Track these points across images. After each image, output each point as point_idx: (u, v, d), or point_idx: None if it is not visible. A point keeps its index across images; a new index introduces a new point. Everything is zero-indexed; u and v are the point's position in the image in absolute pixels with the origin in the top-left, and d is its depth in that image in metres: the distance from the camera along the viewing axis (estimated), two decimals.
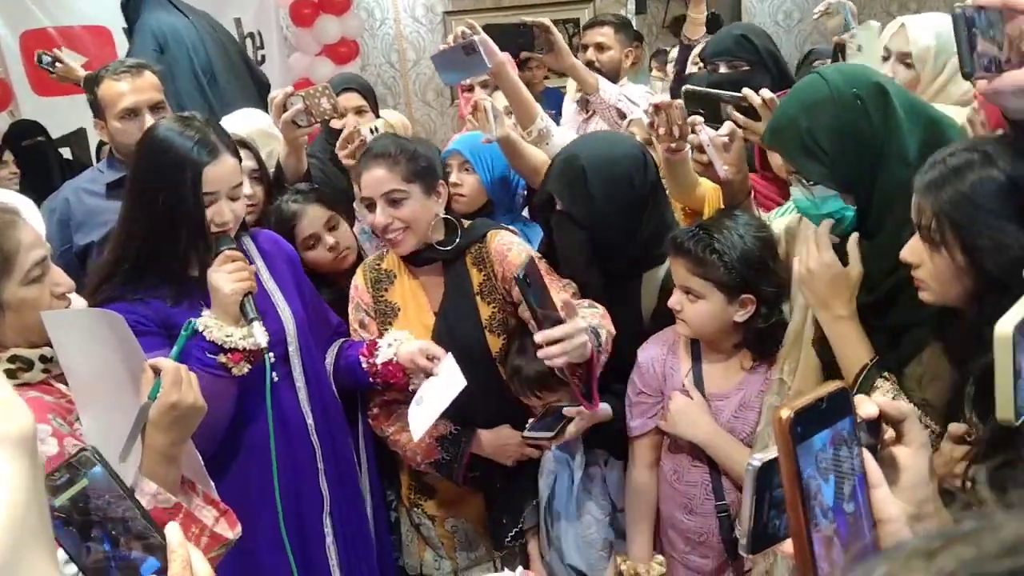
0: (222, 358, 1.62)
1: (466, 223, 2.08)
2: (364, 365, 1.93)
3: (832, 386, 0.65)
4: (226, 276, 1.62)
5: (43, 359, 1.45)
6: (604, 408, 1.90)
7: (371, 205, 1.94)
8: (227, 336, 1.61)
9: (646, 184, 1.93)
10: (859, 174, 1.43)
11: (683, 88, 2.01)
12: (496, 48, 2.18)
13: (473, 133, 2.46)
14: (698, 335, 1.81)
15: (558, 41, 2.47)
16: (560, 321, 1.58)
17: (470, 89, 3.12)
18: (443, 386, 1.83)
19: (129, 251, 1.69)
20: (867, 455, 0.66)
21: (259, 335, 1.61)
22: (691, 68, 3.39)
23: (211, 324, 1.61)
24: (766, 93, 1.84)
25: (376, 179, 1.90)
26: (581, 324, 1.62)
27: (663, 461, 1.92)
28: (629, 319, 1.97)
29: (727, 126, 1.84)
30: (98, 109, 2.37)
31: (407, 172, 1.90)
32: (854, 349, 1.46)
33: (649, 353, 1.91)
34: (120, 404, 1.34)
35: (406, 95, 6.82)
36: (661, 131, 1.91)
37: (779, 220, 1.83)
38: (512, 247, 1.98)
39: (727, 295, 1.71)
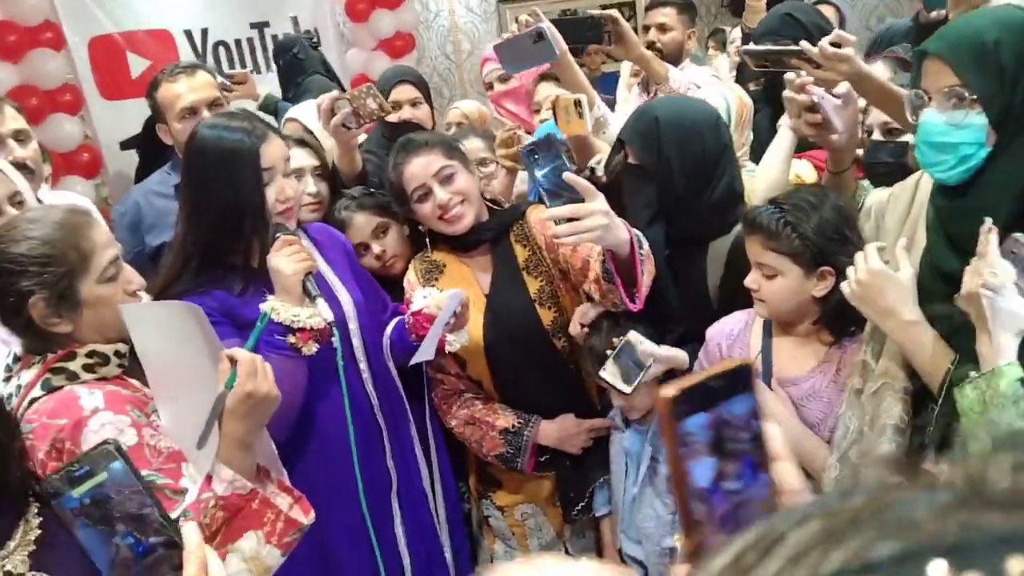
0: (291, 338, 1.66)
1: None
2: (405, 319, 1.95)
3: (731, 364, 0.62)
4: (286, 259, 1.67)
5: (118, 354, 1.49)
6: (679, 354, 1.85)
7: (424, 195, 1.95)
8: (294, 316, 1.65)
9: (718, 144, 1.90)
10: (1020, 111, 1.30)
11: (742, 50, 1.98)
12: (560, 36, 2.16)
13: (547, 125, 2.44)
14: (777, 315, 1.74)
15: (627, 32, 2.44)
16: (577, 201, 1.53)
17: (489, 87, 3.12)
18: (446, 310, 1.82)
19: (194, 249, 1.74)
20: (771, 428, 0.63)
21: (325, 310, 1.65)
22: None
23: (277, 306, 1.65)
24: (825, 46, 1.76)
25: (422, 165, 1.95)
26: (600, 205, 1.55)
27: None
28: (695, 290, 1.93)
29: (843, 86, 1.75)
30: (159, 113, 2.42)
31: (445, 151, 1.97)
32: (932, 353, 1.38)
33: (718, 331, 1.86)
34: (197, 393, 1.36)
35: (462, 86, 6.83)
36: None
37: (874, 192, 1.74)
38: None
39: (804, 269, 1.64)
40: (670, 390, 0.58)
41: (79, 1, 4.35)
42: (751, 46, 2.02)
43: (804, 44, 1.79)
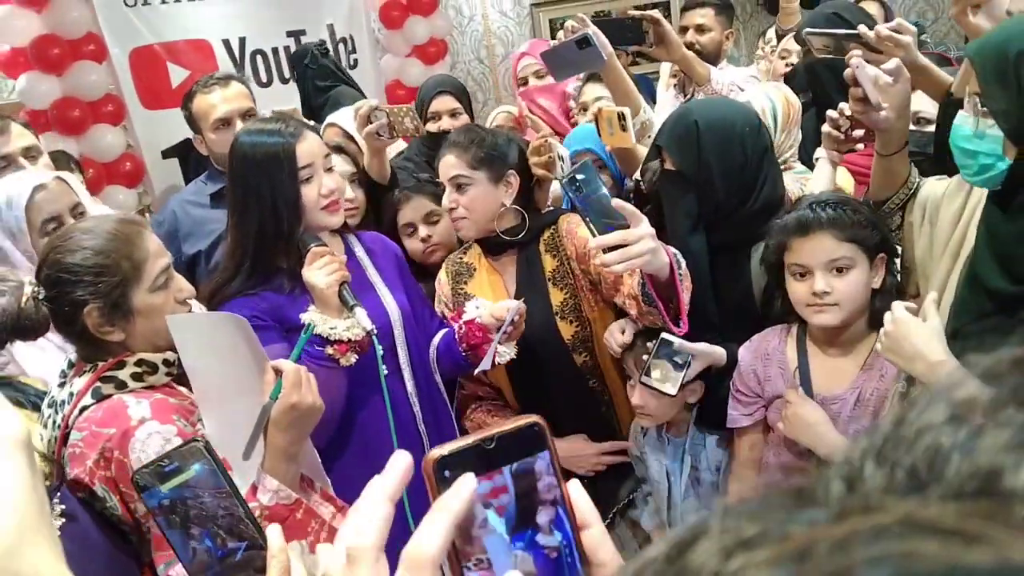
0: (329, 350, 1.67)
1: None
2: (455, 328, 1.94)
3: (519, 422, 0.55)
4: (318, 272, 1.68)
5: (166, 363, 1.51)
6: (717, 351, 1.82)
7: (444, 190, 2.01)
8: (331, 328, 1.66)
9: (759, 149, 1.87)
10: None
11: (804, 32, 1.95)
12: (606, 40, 2.16)
13: (590, 128, 2.43)
14: (847, 319, 1.65)
15: (669, 33, 2.42)
16: (623, 227, 1.50)
17: (524, 82, 3.11)
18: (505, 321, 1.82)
19: (245, 251, 1.77)
20: (575, 488, 0.57)
21: (363, 320, 1.66)
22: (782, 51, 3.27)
23: (316, 318, 1.67)
24: (881, 29, 1.73)
25: (446, 164, 1.99)
26: (645, 230, 1.52)
27: (767, 457, 1.84)
28: (740, 296, 1.90)
29: (893, 61, 1.64)
30: (195, 124, 2.46)
31: (474, 159, 1.96)
32: None
33: (750, 353, 1.83)
34: (242, 404, 1.38)
35: (496, 90, 6.83)
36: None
37: (929, 182, 1.70)
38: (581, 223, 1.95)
39: (870, 258, 1.62)
40: (435, 452, 0.53)
41: (121, 13, 4.42)
42: (813, 28, 1.98)
43: (862, 28, 1.76)
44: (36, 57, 4.05)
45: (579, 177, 1.48)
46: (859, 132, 1.83)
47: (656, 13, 2.42)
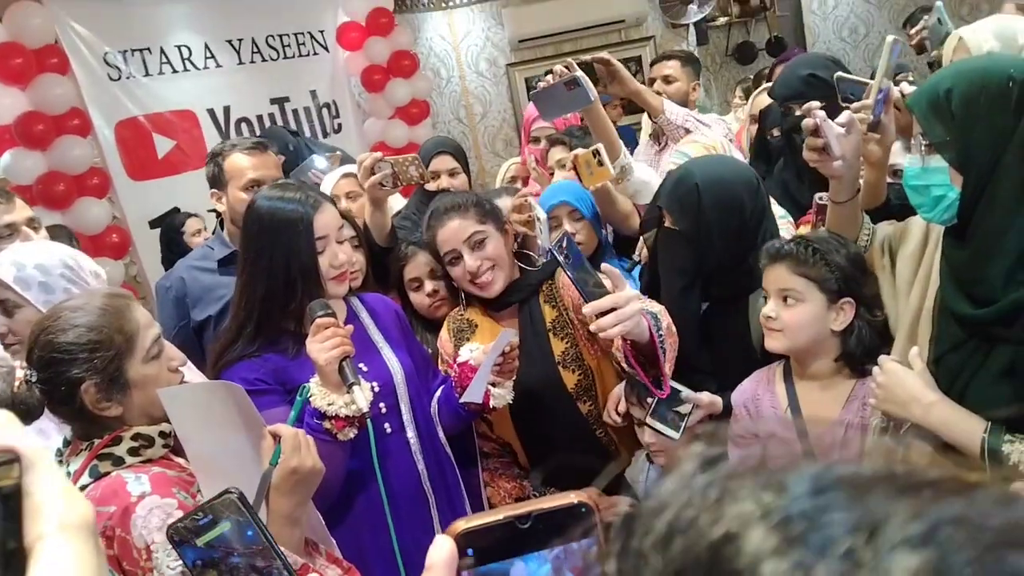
0: (327, 424, 1.64)
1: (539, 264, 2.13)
2: (449, 372, 1.94)
3: (563, 499, 0.47)
4: (319, 346, 1.62)
5: (162, 435, 1.51)
6: (715, 400, 1.85)
7: (456, 258, 1.98)
8: (328, 404, 1.63)
9: (757, 209, 1.91)
10: (980, 156, 1.37)
11: (837, 77, 1.99)
12: (591, 83, 2.24)
13: (562, 183, 2.51)
14: (792, 347, 1.72)
15: (620, 70, 2.53)
16: (606, 292, 1.55)
17: (535, 141, 3.18)
18: (494, 350, 1.82)
19: (250, 315, 1.77)
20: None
21: (360, 400, 1.60)
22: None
23: (316, 392, 1.64)
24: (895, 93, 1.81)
25: (454, 229, 1.97)
26: (631, 292, 1.57)
27: None
28: (738, 344, 1.92)
29: (845, 115, 1.71)
30: (219, 181, 2.47)
31: (479, 215, 1.99)
32: (962, 427, 1.41)
33: (740, 395, 1.86)
34: (240, 471, 1.37)
35: (475, 147, 6.94)
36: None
37: (883, 225, 1.77)
38: None
39: (827, 297, 1.66)
40: (459, 524, 0.46)
41: (106, 88, 4.49)
42: (843, 74, 2.02)
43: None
44: (20, 134, 4.09)
45: (564, 250, 1.55)
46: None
47: (606, 53, 2.57)
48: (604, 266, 1.58)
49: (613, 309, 1.53)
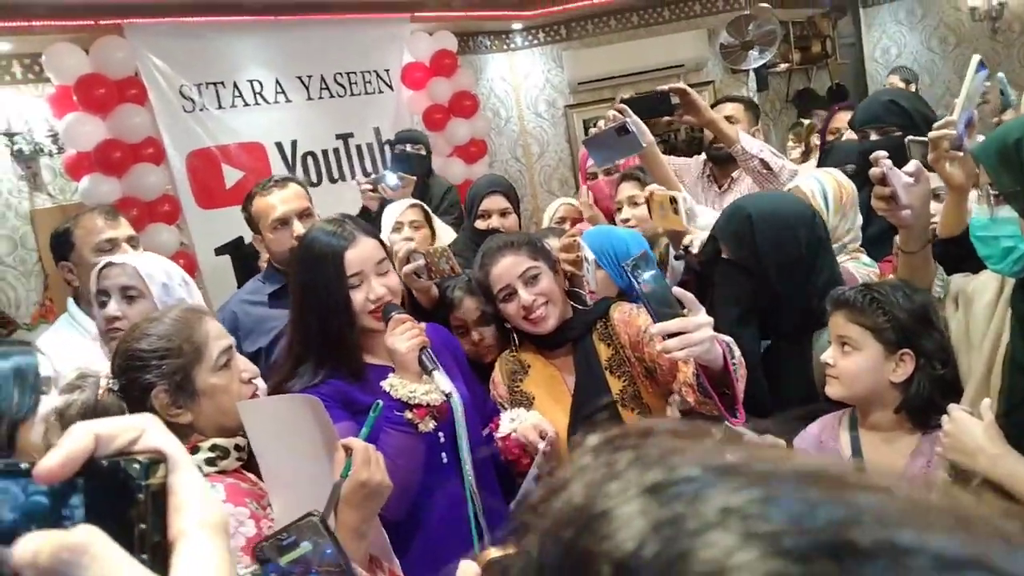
0: (408, 414, 1.69)
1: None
2: (495, 440, 1.95)
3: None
4: (399, 337, 1.72)
5: (237, 448, 1.55)
6: (779, 443, 1.77)
7: (510, 295, 1.98)
8: (411, 392, 1.69)
9: (813, 240, 1.90)
10: None
11: (907, 140, 1.99)
12: (646, 128, 2.23)
13: (595, 228, 2.50)
14: (849, 394, 1.71)
15: (696, 100, 2.54)
16: (678, 314, 1.53)
17: (593, 176, 3.20)
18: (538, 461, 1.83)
19: (304, 349, 1.80)
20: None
21: (442, 382, 1.69)
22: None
23: (396, 383, 1.71)
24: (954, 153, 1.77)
25: (508, 265, 1.98)
26: (703, 319, 1.53)
27: None
28: (801, 383, 1.90)
29: (912, 164, 1.70)
30: (254, 224, 2.54)
31: (530, 252, 2.00)
32: None
33: (803, 440, 1.83)
34: (311, 483, 1.39)
35: (531, 187, 7.02)
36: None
37: (957, 278, 1.74)
38: (636, 311, 1.98)
39: (885, 347, 1.64)
40: (486, 554, 0.50)
41: (180, 119, 4.67)
42: (914, 138, 2.01)
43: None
44: (99, 160, 4.27)
45: (640, 265, 1.53)
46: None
47: (682, 84, 2.57)
48: (677, 291, 1.56)
49: (681, 332, 1.51)
